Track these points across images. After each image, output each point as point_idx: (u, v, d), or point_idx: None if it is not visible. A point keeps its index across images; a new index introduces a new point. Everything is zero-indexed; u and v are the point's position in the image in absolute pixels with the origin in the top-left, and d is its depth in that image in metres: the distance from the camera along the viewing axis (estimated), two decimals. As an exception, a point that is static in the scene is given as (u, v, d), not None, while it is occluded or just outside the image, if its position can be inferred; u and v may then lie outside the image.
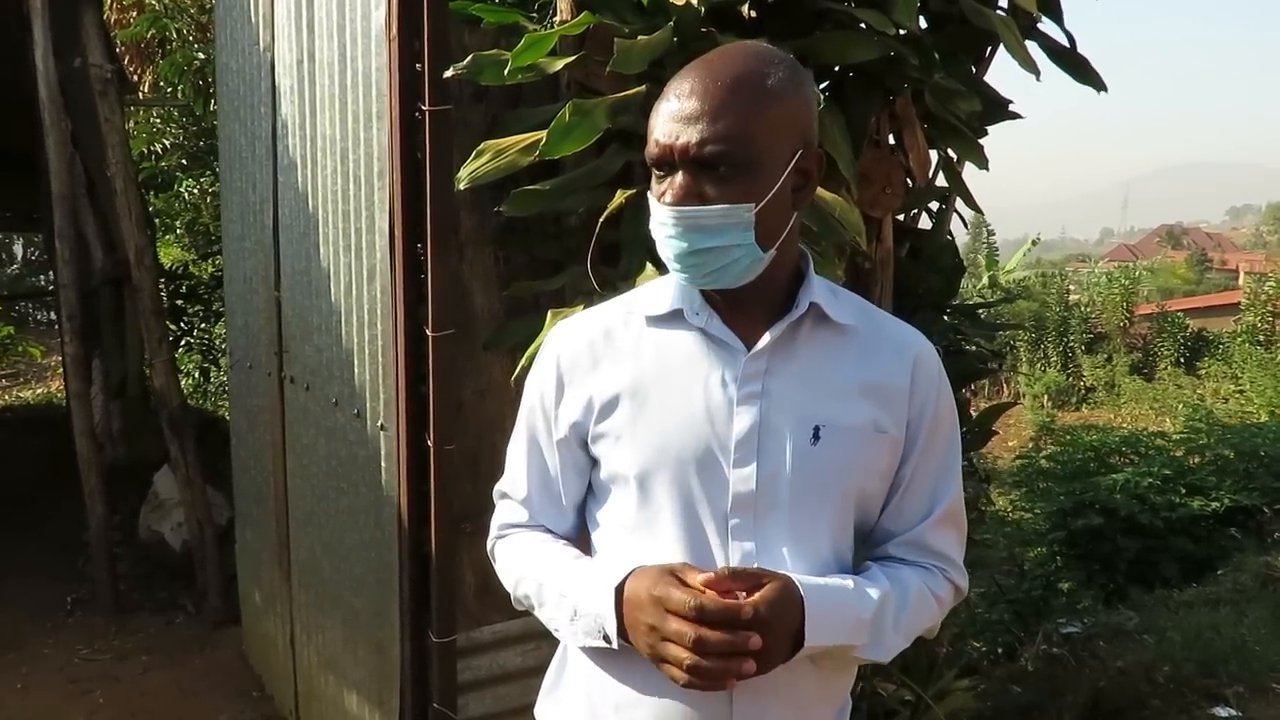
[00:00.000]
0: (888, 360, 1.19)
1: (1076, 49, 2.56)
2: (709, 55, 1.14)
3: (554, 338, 1.26)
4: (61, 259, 4.58)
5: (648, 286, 1.26)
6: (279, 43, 3.03)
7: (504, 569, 1.29)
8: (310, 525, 3.07)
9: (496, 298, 2.40)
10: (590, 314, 1.27)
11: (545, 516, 1.28)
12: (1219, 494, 6.16)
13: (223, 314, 7.62)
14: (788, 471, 1.13)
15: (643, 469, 1.15)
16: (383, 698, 2.59)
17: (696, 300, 1.18)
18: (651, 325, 1.21)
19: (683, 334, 1.18)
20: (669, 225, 1.11)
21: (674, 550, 1.14)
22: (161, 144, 8.74)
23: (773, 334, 1.15)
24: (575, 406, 1.20)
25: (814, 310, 1.17)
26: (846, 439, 1.15)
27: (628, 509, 1.18)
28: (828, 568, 1.17)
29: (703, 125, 1.08)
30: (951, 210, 2.69)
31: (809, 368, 1.17)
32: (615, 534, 1.20)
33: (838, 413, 1.15)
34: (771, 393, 1.15)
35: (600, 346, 1.21)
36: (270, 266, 3.22)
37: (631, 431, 1.16)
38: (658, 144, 1.11)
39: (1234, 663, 3.89)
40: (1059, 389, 20.12)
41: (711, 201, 1.09)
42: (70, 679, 3.95)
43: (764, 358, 1.15)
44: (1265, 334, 20.52)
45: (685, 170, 1.09)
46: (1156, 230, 76.56)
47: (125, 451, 5.70)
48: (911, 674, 2.43)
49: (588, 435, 1.20)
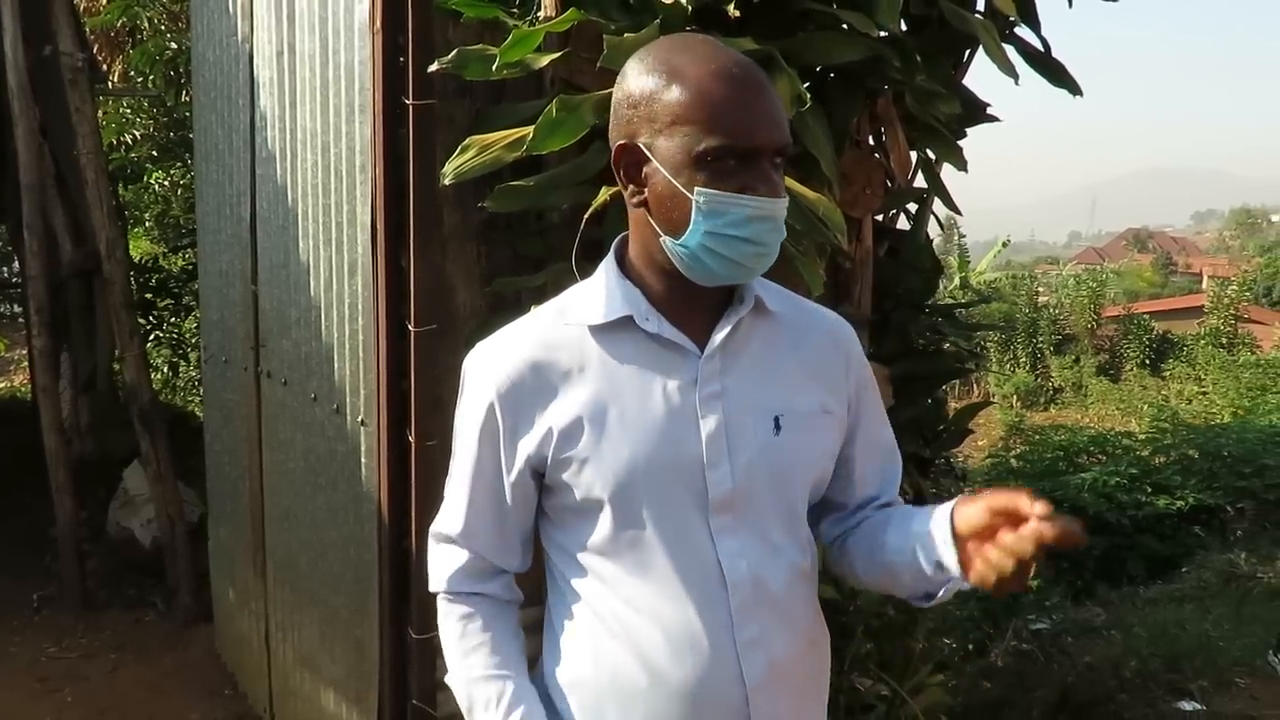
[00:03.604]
0: (820, 344, 1.23)
1: (1052, 53, 2.61)
2: (706, 45, 1.10)
3: (481, 369, 1.18)
4: (30, 251, 4.50)
5: (574, 293, 1.20)
6: (258, 34, 3.00)
7: (448, 640, 1.23)
8: (287, 522, 3.05)
9: (479, 294, 2.39)
10: (514, 334, 1.19)
11: (498, 557, 1.23)
12: (1184, 493, 6.30)
13: (194, 308, 7.52)
14: (759, 465, 1.14)
15: (616, 488, 1.12)
16: (361, 695, 2.57)
17: (643, 305, 1.14)
18: (595, 335, 1.15)
19: (630, 342, 1.14)
20: (770, 218, 1.08)
21: (660, 563, 1.13)
22: (131, 135, 8.61)
23: (723, 332, 1.14)
24: (530, 439, 1.14)
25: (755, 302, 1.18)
26: (803, 424, 1.17)
27: (602, 531, 1.14)
28: (804, 551, 1.21)
29: (779, 114, 1.08)
30: (930, 211, 2.73)
31: (757, 360, 1.17)
32: (588, 559, 1.16)
33: (791, 401, 1.17)
34: (729, 390, 1.15)
35: (544, 370, 1.14)
36: (247, 260, 3.19)
37: (597, 453, 1.12)
38: (747, 134, 1.05)
39: (1198, 657, 3.97)
40: (1028, 389, 20.40)
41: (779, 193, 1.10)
42: (37, 677, 3.88)
43: (717, 357, 1.15)
44: (1228, 336, 20.94)
45: (769, 163, 1.08)
46: (1123, 234, 77.80)
47: (94, 447, 5.61)
48: (888, 669, 2.46)
49: (546, 464, 1.14)
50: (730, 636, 1.12)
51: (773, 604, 1.15)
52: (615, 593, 1.15)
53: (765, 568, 1.15)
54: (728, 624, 1.12)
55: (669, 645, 1.13)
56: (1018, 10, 2.48)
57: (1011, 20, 2.53)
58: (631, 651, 1.14)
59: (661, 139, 1.08)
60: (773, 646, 1.14)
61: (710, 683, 1.13)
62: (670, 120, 1.06)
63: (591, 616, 1.17)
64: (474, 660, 1.21)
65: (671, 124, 1.06)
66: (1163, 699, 3.69)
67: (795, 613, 1.18)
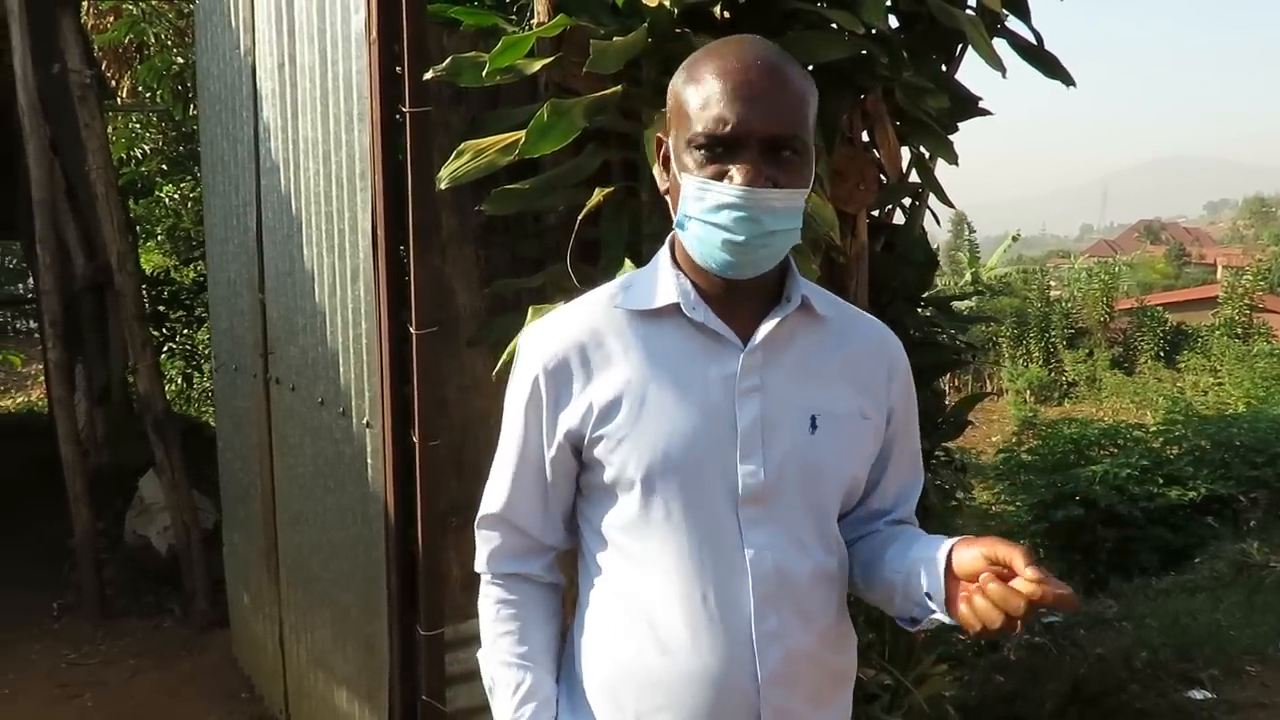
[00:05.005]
0: (866, 351, 1.23)
1: (1044, 46, 2.63)
2: (735, 43, 1.12)
3: (532, 346, 1.21)
4: (43, 265, 4.57)
5: (627, 280, 1.24)
6: (259, 47, 3.05)
7: (484, 621, 1.28)
8: (298, 525, 3.10)
9: (478, 295, 2.43)
10: (566, 314, 1.22)
11: (540, 531, 1.26)
12: (1196, 484, 6.26)
13: (205, 319, 7.61)
14: (792, 461, 1.15)
15: (648, 470, 1.14)
16: (372, 692, 2.61)
17: (691, 295, 1.16)
18: (642, 321, 1.18)
19: (675, 329, 1.17)
20: (740, 207, 1.07)
21: (685, 547, 1.15)
22: (141, 149, 8.72)
23: (769, 327, 1.16)
24: (572, 414, 1.17)
25: (802, 302, 1.19)
26: (840, 426, 1.18)
27: (631, 510, 1.16)
28: (832, 552, 1.21)
29: (777, 109, 1.07)
30: (924, 206, 2.75)
31: (800, 360, 1.18)
32: (616, 537, 1.19)
33: (830, 402, 1.18)
34: (769, 385, 1.16)
35: (589, 349, 1.17)
36: (254, 269, 3.24)
37: (633, 433, 1.14)
38: (724, 122, 1.06)
39: (1209, 647, 3.97)
40: (1041, 384, 20.30)
41: (779, 185, 1.08)
42: (58, 684, 3.94)
43: (759, 351, 1.16)
44: (1243, 327, 20.78)
45: (754, 151, 1.07)
46: (1135, 226, 77.26)
47: (109, 457, 5.69)
48: (891, 659, 2.48)
49: (584, 441, 1.17)
50: (750, 627, 1.13)
51: (795, 600, 1.16)
52: (640, 573, 1.18)
53: (790, 563, 1.16)
54: (748, 615, 1.13)
55: (687, 630, 1.15)
56: (1007, 4, 2.51)
57: (1002, 14, 2.55)
58: (650, 632, 1.16)
59: (674, 132, 1.15)
60: (790, 640, 1.15)
61: (724, 670, 1.14)
62: (680, 114, 1.12)
63: (614, 595, 1.20)
64: (501, 645, 1.26)
65: (680, 117, 1.12)
66: (1173, 688, 3.69)
67: (817, 611, 1.19)
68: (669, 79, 1.18)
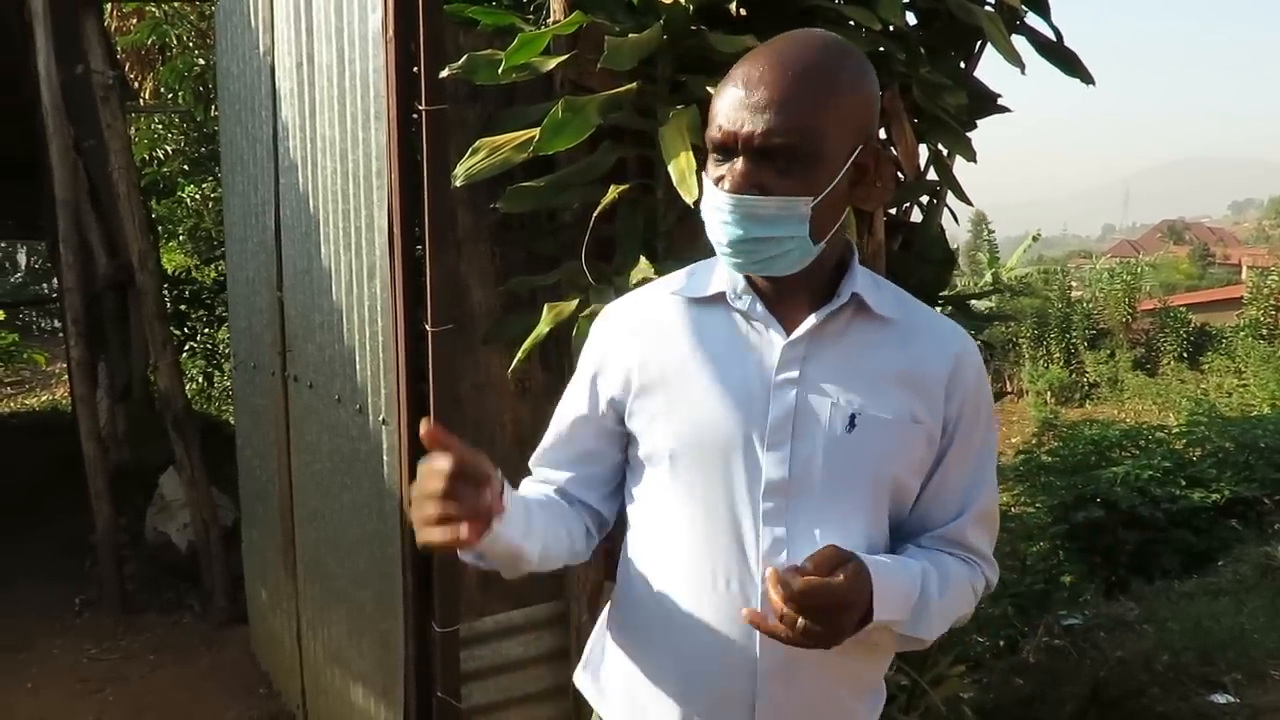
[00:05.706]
0: (927, 353, 1.19)
1: (1063, 43, 2.60)
2: (780, 42, 1.13)
3: (602, 316, 1.31)
4: (66, 264, 4.63)
5: (692, 269, 1.27)
6: (278, 47, 3.08)
7: None
8: (315, 521, 3.11)
9: (494, 293, 2.44)
10: (636, 295, 1.31)
11: (571, 484, 1.30)
12: (1219, 486, 6.18)
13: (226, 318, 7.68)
14: (821, 458, 1.14)
15: (677, 448, 1.17)
16: (387, 689, 2.62)
17: (740, 284, 1.18)
18: (692, 307, 1.22)
19: (723, 317, 1.20)
20: (724, 211, 1.10)
21: (702, 531, 1.16)
22: (163, 150, 8.81)
23: (813, 321, 1.15)
24: (615, 382, 1.23)
25: (855, 300, 1.17)
26: (882, 428, 1.15)
27: (661, 484, 1.20)
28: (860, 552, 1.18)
29: (769, 115, 1.07)
30: (942, 204, 2.73)
31: (847, 356, 1.17)
32: (647, 510, 1.24)
33: (874, 402, 1.15)
34: (808, 379, 1.15)
35: (642, 326, 1.24)
36: (273, 267, 3.26)
37: (668, 411, 1.18)
38: (721, 129, 1.10)
39: (1233, 650, 3.92)
40: (1062, 385, 20.09)
41: (770, 192, 1.08)
42: (79, 678, 3.99)
43: (803, 344, 1.16)
44: (1268, 328, 20.49)
45: (746, 158, 1.08)
46: (1158, 226, 76.38)
47: (130, 454, 5.74)
48: (908, 659, 2.46)
49: (625, 411, 1.23)
50: None
51: None
52: (662, 548, 1.21)
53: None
54: (754, 606, 1.12)
55: (694, 614, 1.16)
56: (1026, 0, 2.49)
57: (1021, 11, 2.53)
58: (662, 609, 1.19)
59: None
60: None
61: (722, 658, 1.15)
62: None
63: (641, 566, 1.24)
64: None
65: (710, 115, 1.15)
66: (1195, 692, 3.65)
67: None
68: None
